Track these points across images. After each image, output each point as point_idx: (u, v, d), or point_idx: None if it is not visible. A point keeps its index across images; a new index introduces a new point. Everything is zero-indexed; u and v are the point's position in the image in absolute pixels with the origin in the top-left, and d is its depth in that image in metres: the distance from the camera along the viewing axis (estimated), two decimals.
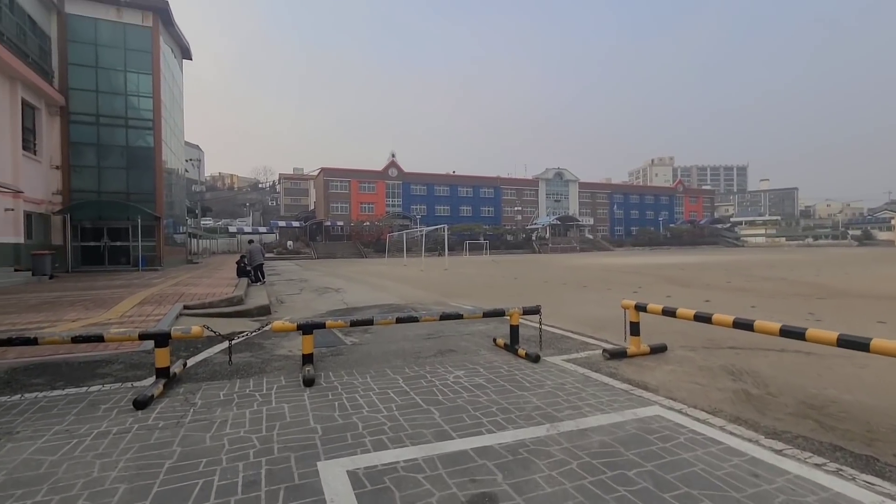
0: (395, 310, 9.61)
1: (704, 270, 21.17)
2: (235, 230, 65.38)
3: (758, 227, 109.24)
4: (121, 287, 11.73)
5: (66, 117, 19.93)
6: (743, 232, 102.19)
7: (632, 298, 5.99)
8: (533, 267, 27.38)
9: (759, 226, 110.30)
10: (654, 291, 12.45)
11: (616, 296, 11.55)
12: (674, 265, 25.75)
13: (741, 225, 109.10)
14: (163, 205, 21.74)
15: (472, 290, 14.00)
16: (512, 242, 68.75)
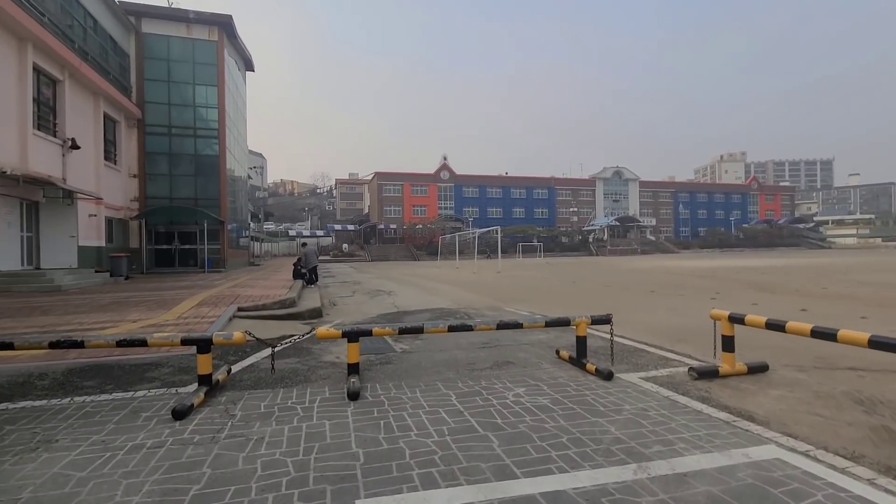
0: (446, 314, 9.17)
1: (790, 274, 19.01)
2: (295, 234, 68.24)
3: (847, 226, 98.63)
4: (184, 288, 12.18)
5: (143, 129, 21.42)
6: (829, 232, 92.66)
7: (709, 305, 5.14)
8: (591, 270, 26.03)
9: (848, 225, 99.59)
10: (736, 298, 11.12)
11: (691, 302, 10.41)
12: (752, 269, 23.43)
13: (827, 224, 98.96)
14: (227, 210, 22.81)
15: (527, 294, 13.28)
16: (567, 244, 66.55)
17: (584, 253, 64.23)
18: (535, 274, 23.23)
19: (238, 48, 26.08)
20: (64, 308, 8.44)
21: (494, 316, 8.73)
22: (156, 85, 21.70)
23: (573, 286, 15.38)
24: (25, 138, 13.18)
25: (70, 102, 15.73)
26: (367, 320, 8.78)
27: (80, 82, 16.40)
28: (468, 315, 8.95)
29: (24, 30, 12.89)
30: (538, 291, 13.89)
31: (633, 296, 12.14)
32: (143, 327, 6.63)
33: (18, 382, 4.57)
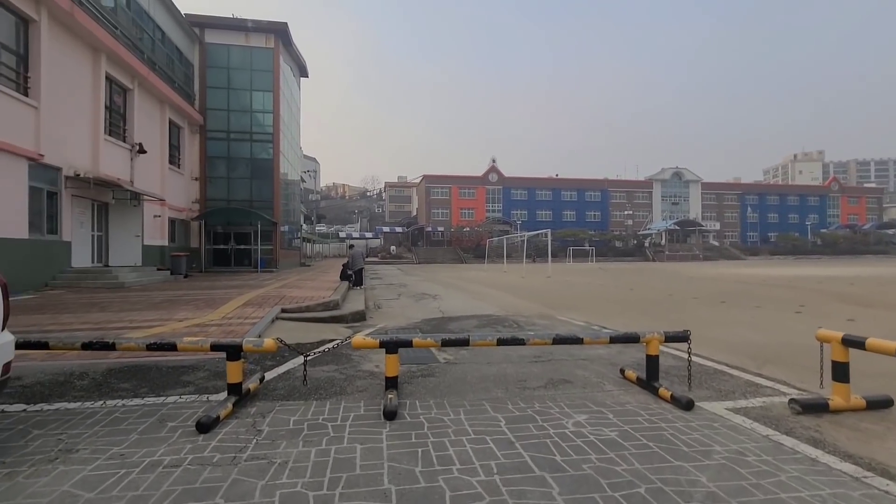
0: (494, 322, 8.60)
1: (885, 285, 16.77)
2: (345, 235, 69.98)
3: None
4: (235, 287, 12.40)
5: (204, 134, 22.48)
6: None
7: (794, 319, 4.27)
8: (649, 276, 24.44)
9: None
10: (826, 312, 9.74)
11: (772, 316, 9.21)
12: (837, 278, 21.00)
13: None
14: (279, 211, 23.46)
15: (580, 301, 12.44)
16: (621, 249, 63.70)
17: (639, 258, 61.18)
18: (588, 279, 22.08)
19: (293, 55, 26.88)
20: (121, 305, 8.69)
21: (546, 326, 8.08)
22: (216, 92, 22.73)
23: (631, 294, 14.30)
24: (97, 143, 14.02)
25: (138, 109, 16.67)
26: (411, 325, 8.40)
27: (147, 90, 17.36)
28: (517, 324, 8.34)
29: (98, 42, 13.74)
30: (593, 299, 12.99)
31: (701, 306, 11.00)
32: (187, 327, 6.59)
33: (59, 381, 4.53)
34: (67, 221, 12.85)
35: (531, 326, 7.94)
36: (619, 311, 10.17)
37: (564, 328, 7.67)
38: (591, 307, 10.92)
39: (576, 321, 8.58)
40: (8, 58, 11.04)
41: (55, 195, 12.48)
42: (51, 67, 11.99)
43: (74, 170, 12.93)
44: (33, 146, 11.35)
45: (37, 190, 11.72)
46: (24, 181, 11.21)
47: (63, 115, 12.59)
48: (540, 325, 8.05)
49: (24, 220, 11.18)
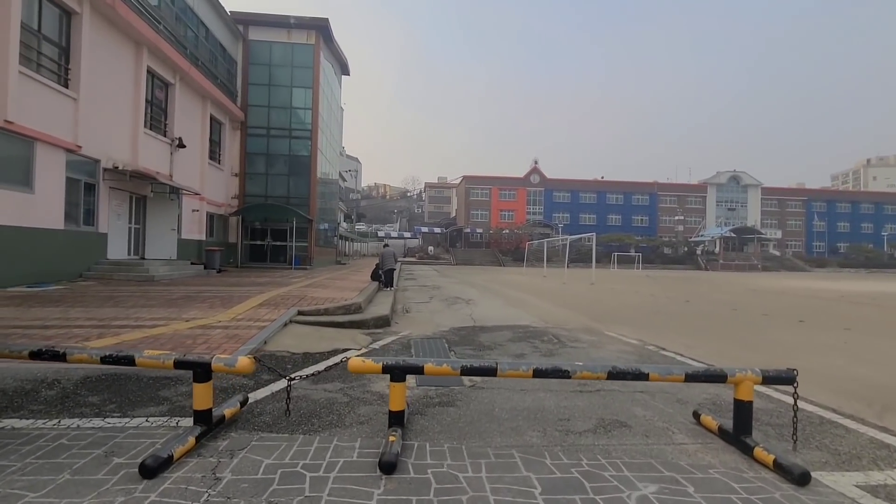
0: (531, 335, 7.58)
1: None
2: (383, 235, 70.27)
3: None
4: (260, 285, 12.00)
5: (245, 131, 22.64)
6: None
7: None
8: (706, 287, 22.43)
9: None
10: None
11: (870, 342, 7.66)
12: None
13: None
14: (315, 209, 23.30)
15: (629, 314, 11.14)
16: (670, 256, 60.27)
17: (690, 266, 57.65)
18: (636, 288, 20.44)
19: (334, 52, 26.78)
20: (138, 300, 8.35)
21: (593, 344, 6.98)
22: (257, 89, 22.85)
23: (688, 307, 12.81)
24: (137, 137, 14.10)
25: (180, 104, 16.79)
26: (438, 335, 7.53)
27: (189, 86, 17.49)
28: (558, 339, 7.29)
29: (140, 35, 13.80)
30: (643, 311, 11.64)
31: (776, 326, 9.48)
32: (191, 328, 6.02)
33: (25, 390, 3.97)
34: (104, 213, 12.92)
35: (575, 344, 6.87)
36: (677, 327, 8.87)
37: (615, 349, 6.56)
38: (643, 321, 9.65)
39: (627, 339, 7.42)
40: (50, 50, 11.12)
41: (93, 187, 12.56)
42: (92, 60, 12.05)
43: (113, 162, 12.99)
44: (71, 137, 11.39)
45: (74, 181, 11.78)
46: (62, 172, 11.27)
47: (103, 107, 12.66)
48: (585, 343, 6.97)
49: (60, 210, 11.22)
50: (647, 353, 6.21)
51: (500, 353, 6.10)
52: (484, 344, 6.72)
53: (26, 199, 10.19)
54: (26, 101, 10.04)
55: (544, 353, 6.17)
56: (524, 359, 5.87)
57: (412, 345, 6.61)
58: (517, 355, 6.03)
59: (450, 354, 6.02)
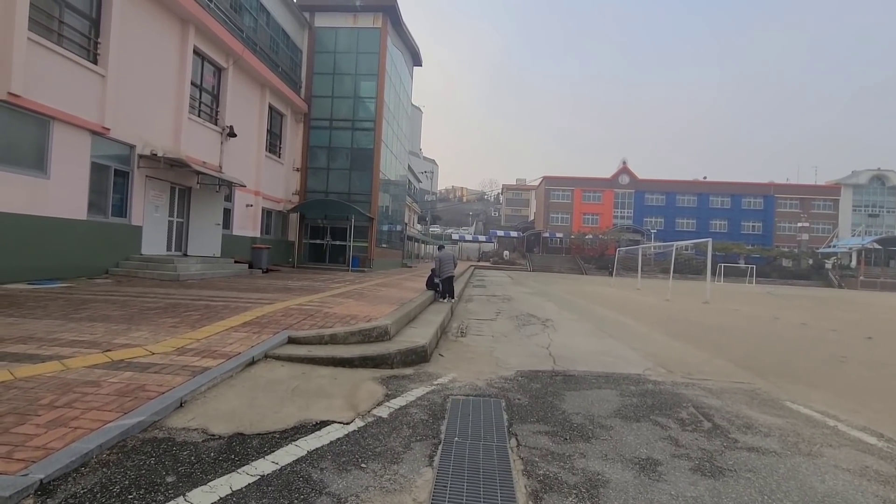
0: (655, 405, 4.48)
1: None
2: (458, 238, 68.28)
3: None
4: (287, 290, 10.00)
5: (308, 123, 21.44)
6: None
7: None
8: (863, 313, 17.01)
9: None
10: None
11: None
12: None
13: None
14: (377, 206, 21.45)
15: (797, 360, 7.40)
16: (790, 270, 51.21)
17: (818, 282, 48.37)
18: (770, 311, 15.81)
19: (404, 39, 24.95)
20: (108, 308, 6.55)
21: (784, 433, 3.70)
22: (322, 79, 21.58)
23: (876, 347, 8.66)
24: (180, 122, 12.95)
25: (233, 91, 15.65)
26: (495, 385, 4.73)
27: (245, 72, 16.36)
28: (709, 418, 4.11)
29: (185, 12, 12.64)
30: (817, 356, 7.78)
31: None
32: (89, 367, 3.82)
33: None
34: (139, 204, 11.80)
35: (750, 438, 3.66)
36: None
37: (856, 469, 3.26)
38: (832, 380, 5.98)
39: (841, 424, 4.01)
40: (76, 21, 10.04)
41: (126, 175, 11.46)
42: (126, 35, 10.92)
43: (151, 148, 11.85)
44: (97, 118, 10.24)
45: (101, 167, 10.67)
46: (86, 156, 10.14)
47: (140, 88, 11.54)
48: (770, 434, 3.72)
49: (83, 199, 10.10)
50: None
51: (604, 454, 3.14)
52: (572, 421, 3.77)
53: (38, 184, 9.04)
54: (41, 74, 8.88)
55: (699, 464, 3.08)
56: (661, 478, 2.84)
57: (448, 411, 3.88)
58: (642, 463, 3.03)
59: (509, 448, 3.18)
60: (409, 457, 2.94)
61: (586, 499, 2.53)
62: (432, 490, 2.53)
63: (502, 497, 2.54)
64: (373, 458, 2.88)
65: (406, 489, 2.52)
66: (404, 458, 2.90)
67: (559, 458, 3.04)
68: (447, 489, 2.58)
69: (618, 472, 2.86)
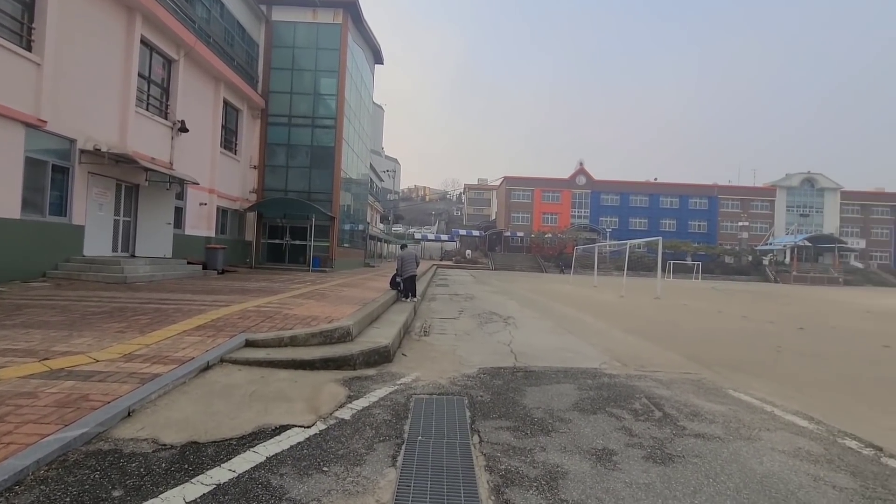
0: (611, 397, 4.67)
1: None
2: (420, 237, 68.22)
3: None
4: (246, 292, 9.67)
5: (265, 119, 20.79)
6: None
7: None
8: (797, 307, 18.35)
9: None
10: None
11: None
12: None
13: None
14: (338, 205, 21.09)
15: (740, 351, 7.89)
16: (732, 266, 54.52)
17: (756, 278, 51.74)
18: (715, 306, 16.77)
19: (365, 36, 24.65)
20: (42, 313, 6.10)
21: (727, 420, 3.96)
22: (280, 74, 20.98)
23: (814, 340, 9.35)
24: (126, 116, 12.24)
25: (185, 84, 14.95)
26: (458, 382, 4.79)
27: (197, 64, 15.66)
28: (659, 408, 4.33)
29: None
30: (758, 347, 8.33)
31: None
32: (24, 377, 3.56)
33: None
34: (81, 202, 11.06)
35: (697, 425, 3.89)
36: (839, 385, 5.63)
37: (790, 451, 3.53)
38: (773, 368, 6.44)
39: (781, 413, 4.34)
40: (9, 5, 9.29)
41: (66, 171, 10.72)
42: (65, 21, 10.20)
43: (94, 143, 11.13)
44: (32, 110, 9.52)
45: (37, 162, 9.93)
46: (19, 150, 9.40)
47: (81, 79, 10.82)
48: (714, 421, 3.97)
49: (16, 196, 9.36)
50: (871, 474, 3.15)
51: (563, 446, 3.25)
52: (533, 416, 3.88)
53: None
54: None
55: (651, 452, 3.24)
56: (616, 467, 2.97)
57: (411, 410, 3.89)
58: (598, 453, 3.16)
59: (472, 445, 3.23)
60: (372, 458, 2.93)
61: (546, 491, 2.61)
62: (395, 490, 2.54)
63: (465, 493, 2.58)
64: (335, 460, 2.85)
65: (369, 491, 2.51)
66: (367, 460, 2.89)
67: (520, 452, 3.13)
68: (410, 488, 2.59)
69: (576, 464, 2.97)
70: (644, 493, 2.62)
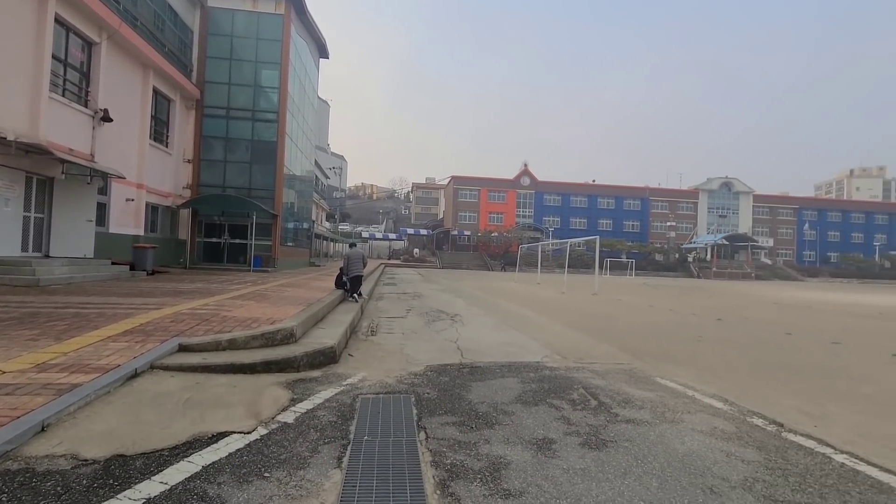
0: (552, 389, 4.89)
1: None
2: (367, 236, 67.28)
3: None
4: (179, 294, 9.12)
5: (201, 111, 19.64)
6: None
7: None
8: (717, 300, 20.03)
9: None
10: None
11: None
12: None
13: None
14: (281, 202, 20.34)
15: (668, 342, 8.51)
16: (662, 263, 58.45)
17: (682, 274, 55.80)
18: (647, 300, 17.92)
19: (309, 29, 23.92)
20: None
21: (656, 405, 4.28)
22: (217, 63, 19.88)
23: (730, 330, 10.25)
24: (38, 102, 11.10)
25: (108, 70, 13.78)
26: (405, 381, 4.82)
27: (123, 49, 14.50)
28: (595, 397, 4.59)
29: None
30: (682, 337, 9.02)
31: (876, 364, 6.93)
32: None
33: None
34: None
35: (627, 411, 4.18)
36: (748, 369, 6.24)
37: (706, 431, 3.86)
38: (695, 356, 7.02)
39: (701, 396, 4.75)
40: None
41: None
42: None
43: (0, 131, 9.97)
44: None
45: None
46: None
47: None
48: (643, 407, 4.28)
49: None
50: (774, 447, 3.53)
51: (506, 438, 3.38)
52: (478, 410, 3.99)
53: None
54: None
55: (587, 439, 3.45)
56: (555, 454, 3.14)
57: (357, 410, 3.88)
58: (539, 443, 3.32)
59: (418, 442, 3.28)
60: (317, 460, 2.89)
61: (489, 481, 2.71)
62: (341, 491, 2.53)
63: (411, 489, 2.62)
64: (277, 465, 2.79)
65: (313, 494, 2.49)
66: (311, 463, 2.86)
67: (465, 446, 3.21)
68: (356, 488, 2.59)
69: (518, 454, 3.11)
70: (580, 478, 2.79)
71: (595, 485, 2.72)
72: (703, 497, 2.63)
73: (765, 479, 2.89)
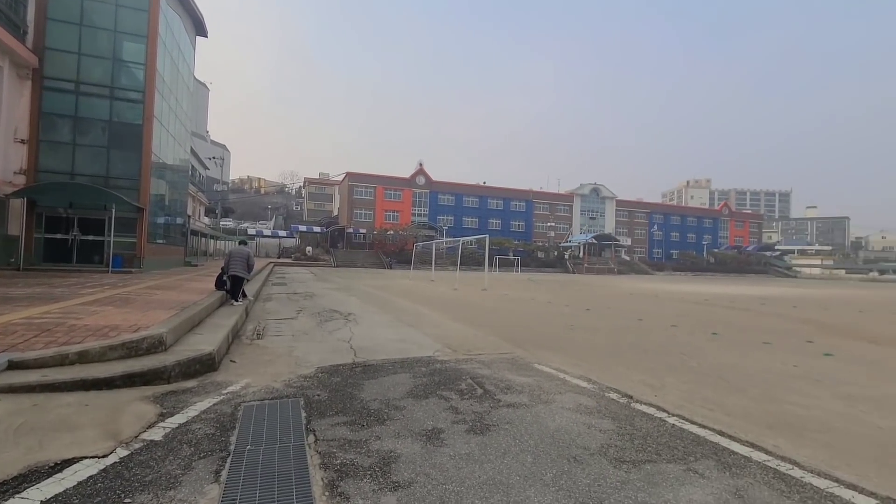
0: (442, 381, 5.11)
1: (829, 309, 15.91)
2: (255, 233, 62.49)
3: (811, 256, 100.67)
4: (11, 301, 7.64)
5: (39, 82, 16.46)
6: (795, 261, 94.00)
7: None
8: (587, 292, 22.50)
9: (811, 255, 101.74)
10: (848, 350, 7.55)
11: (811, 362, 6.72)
12: (775, 298, 20.36)
13: (792, 254, 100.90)
14: (148, 194, 17.96)
15: (546, 332, 9.36)
16: (543, 260, 63.69)
17: (560, 270, 61.43)
18: (530, 294, 19.43)
19: (184, 2, 21.42)
20: None
21: (533, 390, 4.73)
22: (63, 28, 16.82)
23: (597, 319, 11.60)
24: None
25: None
26: (293, 385, 4.66)
27: None
28: (481, 386, 4.92)
29: None
30: (558, 327, 9.99)
31: (704, 343, 8.42)
32: None
33: None
34: None
35: (509, 396, 4.56)
36: (609, 352, 7.17)
37: (573, 407, 4.37)
38: (568, 344, 7.84)
39: (571, 378, 5.36)
40: None
41: None
42: None
43: None
44: None
45: None
46: None
47: None
48: (522, 392, 4.70)
49: None
50: (624, 416, 4.13)
51: (397, 432, 3.49)
52: (370, 408, 4.04)
53: None
54: None
55: (472, 425, 3.71)
56: (443, 443, 3.32)
57: (239, 420, 3.67)
58: (428, 433, 3.48)
59: (307, 445, 3.22)
60: (190, 477, 2.70)
61: (379, 476, 2.79)
62: None
63: (298, 494, 2.58)
64: (140, 488, 2.54)
65: None
66: (183, 481, 2.65)
67: (356, 444, 3.24)
68: (236, 502, 2.48)
69: (408, 446, 3.22)
70: (465, 462, 3.00)
71: (478, 467, 2.95)
72: (569, 466, 3.01)
73: (616, 444, 3.40)
